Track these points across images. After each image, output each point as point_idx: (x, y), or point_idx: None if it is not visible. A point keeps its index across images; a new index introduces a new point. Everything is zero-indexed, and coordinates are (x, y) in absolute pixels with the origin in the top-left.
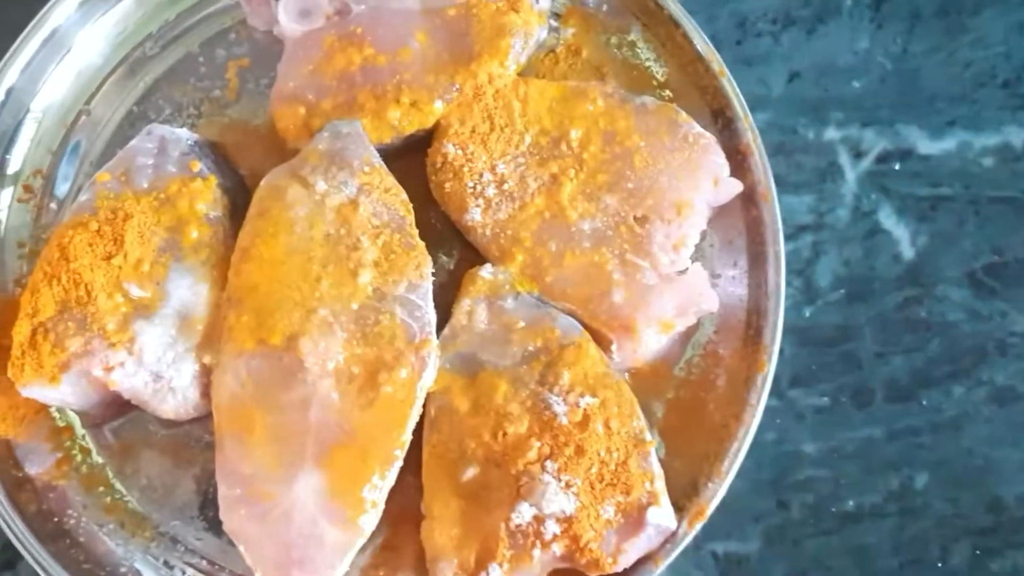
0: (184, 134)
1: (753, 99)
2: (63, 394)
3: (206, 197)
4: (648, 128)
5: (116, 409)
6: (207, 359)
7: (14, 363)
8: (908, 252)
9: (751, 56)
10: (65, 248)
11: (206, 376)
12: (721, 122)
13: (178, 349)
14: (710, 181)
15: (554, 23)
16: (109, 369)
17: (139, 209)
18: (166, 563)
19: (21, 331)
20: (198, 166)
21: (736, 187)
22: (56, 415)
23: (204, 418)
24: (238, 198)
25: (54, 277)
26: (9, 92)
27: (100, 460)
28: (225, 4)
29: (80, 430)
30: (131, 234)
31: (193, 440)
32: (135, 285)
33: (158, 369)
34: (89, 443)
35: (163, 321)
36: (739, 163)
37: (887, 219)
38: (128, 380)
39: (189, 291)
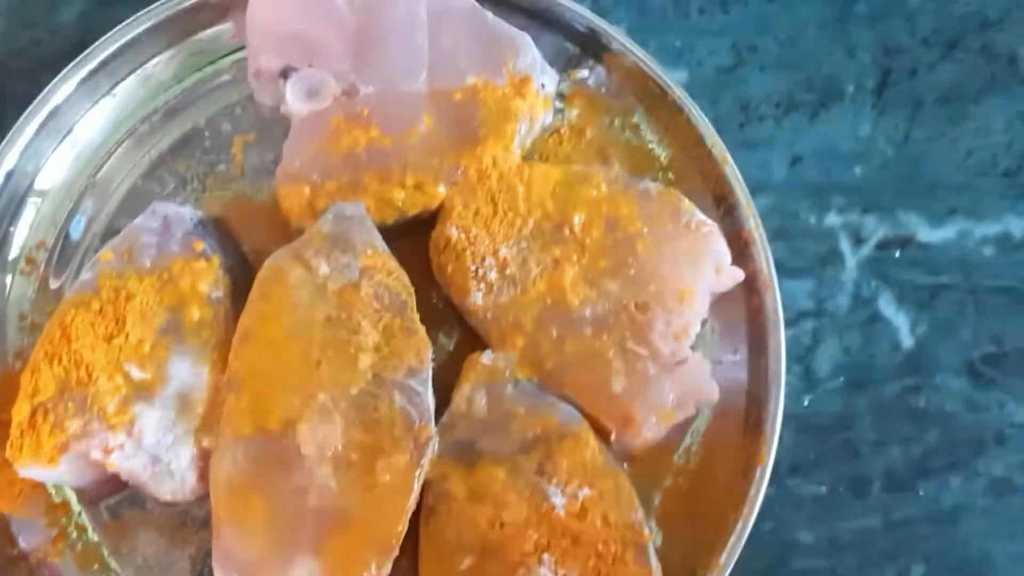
0: (188, 212)
1: (755, 182)
2: (61, 474)
3: (208, 277)
4: (651, 214)
5: (113, 487)
6: (206, 442)
7: (12, 443)
8: (907, 340)
9: (753, 140)
10: (67, 328)
11: (204, 459)
12: (723, 208)
13: (177, 432)
14: (712, 269)
15: (559, 104)
16: (108, 451)
17: (142, 289)
18: None
19: (20, 411)
20: (201, 246)
21: (738, 276)
22: (52, 491)
23: (202, 497)
24: (240, 277)
25: (55, 357)
26: (9, 175)
27: (96, 538)
28: (231, 79)
29: (76, 507)
30: (133, 315)
31: (190, 519)
32: (136, 367)
33: (157, 452)
34: (85, 520)
35: (163, 403)
36: (740, 250)
37: (887, 307)
38: (127, 462)
39: (189, 373)
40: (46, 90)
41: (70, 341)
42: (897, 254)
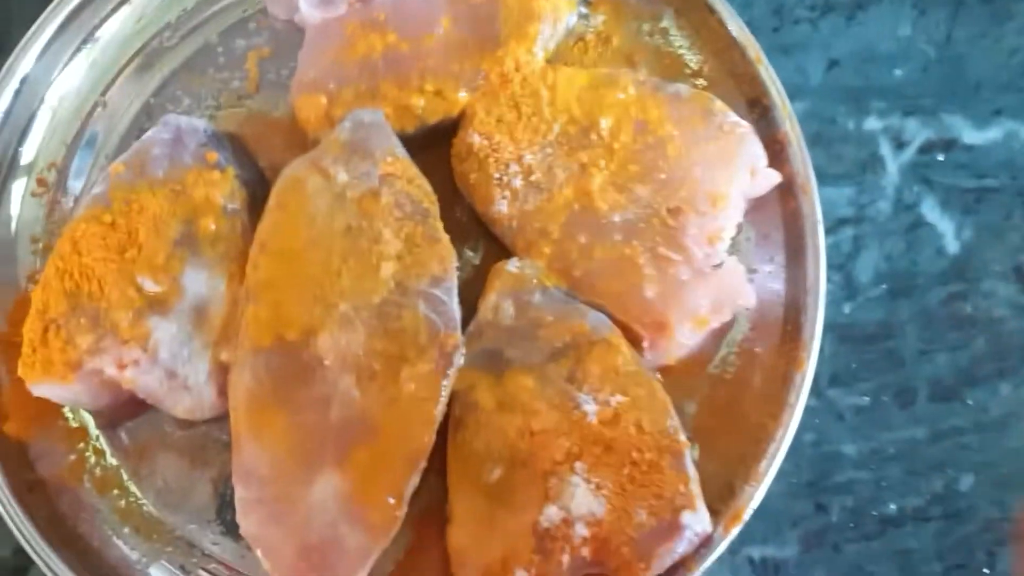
0: (201, 124)
1: (791, 88)
2: (75, 393)
3: (223, 189)
4: (681, 117)
5: (131, 408)
6: (224, 356)
7: (24, 361)
8: (952, 246)
9: (788, 44)
10: (77, 242)
11: (223, 374)
12: (758, 111)
13: (194, 346)
14: (746, 172)
15: (584, 9)
16: (123, 366)
17: (154, 201)
18: (182, 567)
19: (32, 328)
20: (215, 157)
21: (774, 178)
22: (69, 416)
23: (221, 418)
24: (257, 191)
25: (66, 272)
26: (24, 80)
27: (114, 462)
28: None
29: (94, 431)
30: (146, 227)
31: (210, 441)
32: (149, 280)
33: (173, 367)
34: (103, 445)
35: (179, 317)
36: (776, 153)
37: (930, 212)
38: (142, 378)
39: (205, 286)
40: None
41: (81, 255)
42: (941, 158)
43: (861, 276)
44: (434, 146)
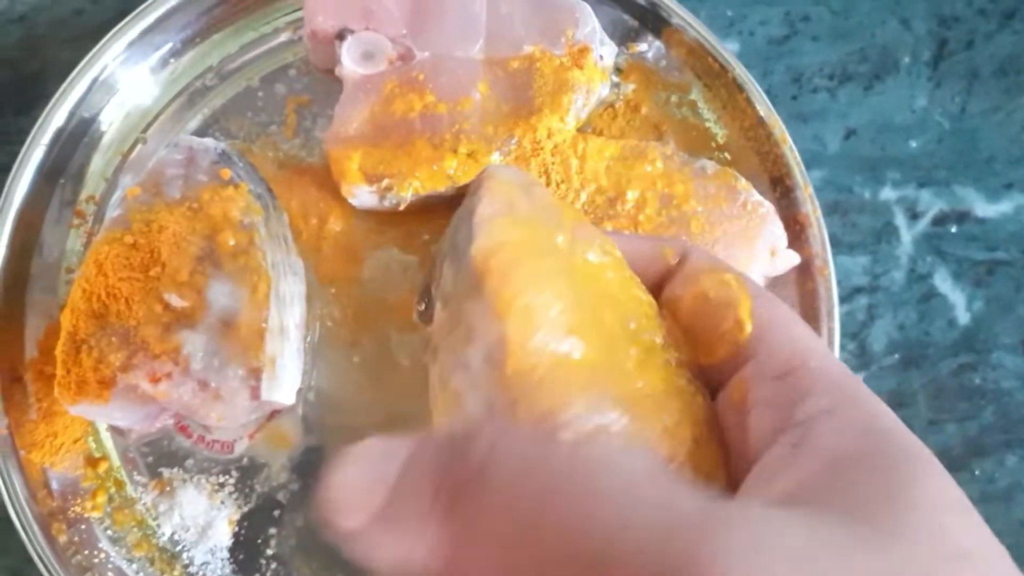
0: (211, 143)
1: (808, 156)
2: (111, 410)
3: (239, 203)
4: (707, 193)
5: (160, 422)
6: (252, 363)
7: (60, 383)
8: (963, 317)
9: (806, 112)
10: (102, 263)
11: (255, 379)
12: (780, 190)
13: (224, 356)
14: (767, 251)
15: (615, 79)
16: (156, 380)
17: (173, 220)
18: None
19: (64, 350)
20: (228, 174)
21: (794, 259)
22: (93, 446)
23: (240, 460)
24: (269, 205)
25: (93, 293)
26: (59, 132)
27: (134, 495)
28: (287, 40)
29: (116, 462)
30: (167, 245)
31: (228, 482)
32: (175, 295)
33: (205, 377)
34: (123, 477)
35: (206, 329)
36: (796, 233)
37: (943, 283)
38: (176, 390)
39: (230, 298)
40: (91, 53)
41: (107, 276)
42: (953, 229)
43: (875, 345)
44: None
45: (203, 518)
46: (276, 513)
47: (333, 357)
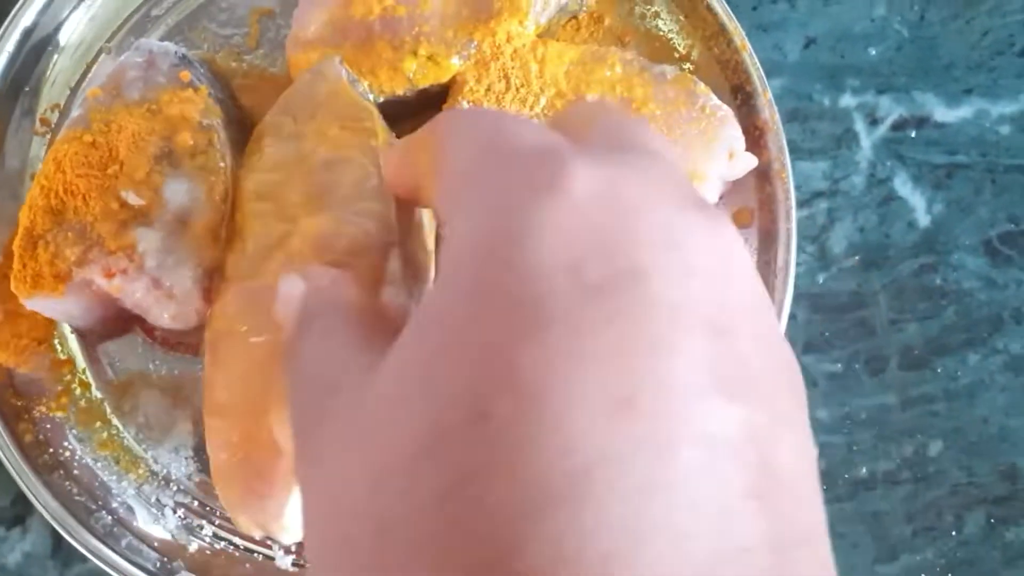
0: (171, 47)
1: (769, 65)
2: (67, 305)
3: (198, 105)
4: (666, 97)
5: (120, 324)
6: (207, 263)
7: (16, 276)
8: (924, 219)
9: (767, 22)
10: (60, 161)
11: (208, 280)
12: (740, 97)
13: (178, 255)
14: (725, 154)
15: None
16: (111, 275)
17: (132, 120)
18: (158, 501)
19: (21, 245)
20: (188, 76)
21: (752, 162)
22: (58, 347)
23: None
24: (230, 110)
25: (51, 190)
26: (27, 32)
27: (99, 395)
28: None
29: (81, 363)
30: (125, 144)
31: (192, 381)
32: (132, 193)
33: (159, 275)
34: (89, 378)
35: (162, 227)
36: (755, 139)
37: (903, 186)
38: (129, 286)
39: (186, 196)
40: None
41: (65, 173)
42: (913, 134)
43: (835, 247)
44: (424, 112)
45: (166, 418)
46: None
47: None
